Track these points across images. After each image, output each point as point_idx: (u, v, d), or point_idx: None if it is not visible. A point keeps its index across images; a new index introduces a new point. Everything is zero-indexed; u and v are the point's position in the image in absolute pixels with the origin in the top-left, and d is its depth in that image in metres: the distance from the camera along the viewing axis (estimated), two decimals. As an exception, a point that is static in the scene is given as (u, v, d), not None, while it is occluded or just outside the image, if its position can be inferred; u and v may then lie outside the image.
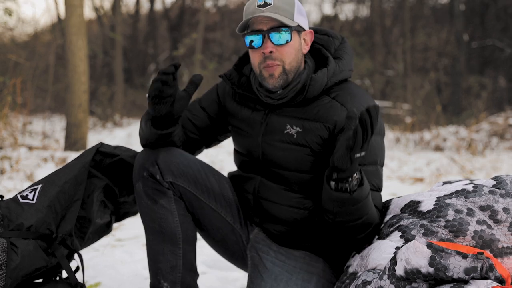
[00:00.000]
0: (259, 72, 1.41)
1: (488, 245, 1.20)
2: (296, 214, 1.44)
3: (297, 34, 1.40)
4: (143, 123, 1.45)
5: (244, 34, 1.40)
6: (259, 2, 1.36)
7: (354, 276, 1.30)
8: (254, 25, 1.38)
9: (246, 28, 1.40)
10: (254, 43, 1.37)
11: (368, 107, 1.18)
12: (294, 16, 1.37)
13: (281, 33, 1.35)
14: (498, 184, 1.32)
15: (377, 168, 1.39)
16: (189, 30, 16.60)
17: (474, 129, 7.49)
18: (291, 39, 1.37)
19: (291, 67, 1.39)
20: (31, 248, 1.42)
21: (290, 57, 1.38)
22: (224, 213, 1.49)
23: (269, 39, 1.36)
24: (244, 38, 1.40)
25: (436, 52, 13.04)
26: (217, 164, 5.17)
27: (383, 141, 1.43)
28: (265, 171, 1.47)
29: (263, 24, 1.37)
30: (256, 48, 1.39)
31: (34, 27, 8.89)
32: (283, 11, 1.36)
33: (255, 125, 1.48)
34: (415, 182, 4.45)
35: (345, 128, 1.21)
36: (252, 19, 1.37)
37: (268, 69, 1.38)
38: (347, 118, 1.21)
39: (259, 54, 1.38)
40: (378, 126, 1.40)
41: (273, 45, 1.36)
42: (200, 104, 1.58)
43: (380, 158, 1.40)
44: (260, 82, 1.43)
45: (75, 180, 1.52)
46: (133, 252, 2.37)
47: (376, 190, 1.39)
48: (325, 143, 1.39)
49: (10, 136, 5.01)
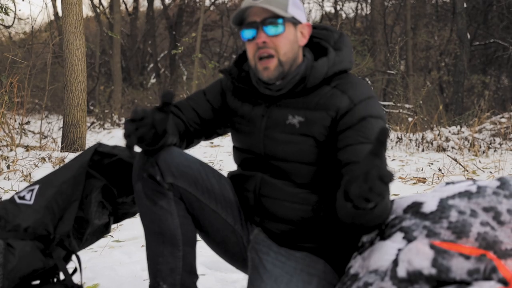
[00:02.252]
0: (254, 64, 1.42)
1: (491, 246, 1.18)
2: (299, 211, 1.42)
3: (292, 26, 1.41)
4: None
5: (240, 28, 1.43)
6: None
7: (355, 277, 1.29)
8: (249, 18, 1.41)
9: (241, 22, 1.42)
10: (248, 34, 1.40)
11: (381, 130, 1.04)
12: (288, 7, 1.39)
13: (274, 24, 1.37)
14: (502, 185, 1.31)
15: None
16: (188, 28, 16.60)
17: (477, 129, 7.48)
18: (284, 30, 1.39)
19: (287, 58, 1.40)
20: (28, 249, 1.41)
21: (284, 48, 1.39)
22: (225, 214, 1.48)
23: (262, 30, 1.38)
24: (240, 32, 1.42)
25: (438, 51, 13.05)
26: (217, 164, 5.16)
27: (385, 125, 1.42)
28: (267, 166, 1.46)
29: (256, 16, 1.39)
30: (251, 40, 1.41)
31: (31, 25, 8.87)
32: (276, 2, 1.38)
33: (256, 119, 1.47)
34: (417, 182, 4.44)
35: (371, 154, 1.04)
36: (247, 12, 1.40)
37: (262, 62, 1.39)
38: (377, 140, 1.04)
39: (254, 45, 1.40)
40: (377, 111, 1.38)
41: (266, 35, 1.38)
42: (205, 95, 1.58)
43: None
44: (256, 75, 1.44)
45: (73, 181, 1.51)
46: (131, 253, 2.35)
47: None
48: (329, 131, 1.39)
49: (7, 136, 5.00)
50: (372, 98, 1.41)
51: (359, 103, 1.37)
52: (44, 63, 7.79)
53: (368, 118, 1.36)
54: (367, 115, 1.36)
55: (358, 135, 1.35)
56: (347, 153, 1.34)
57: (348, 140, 1.35)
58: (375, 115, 1.38)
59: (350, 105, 1.38)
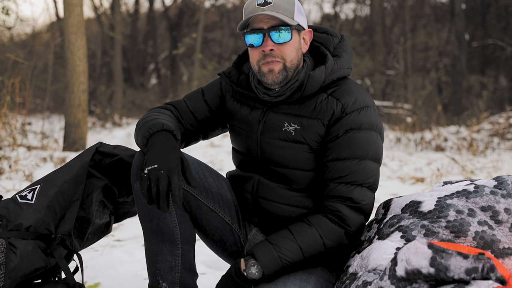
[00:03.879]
0: (257, 69, 1.41)
1: (489, 245, 1.19)
2: (294, 213, 1.43)
3: (297, 33, 1.40)
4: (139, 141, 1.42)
5: (244, 32, 1.41)
6: (259, 1, 1.37)
7: (354, 276, 1.29)
8: (254, 24, 1.38)
9: (246, 27, 1.40)
10: (254, 41, 1.38)
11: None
12: (294, 15, 1.38)
13: (281, 31, 1.36)
14: (500, 185, 1.32)
15: (365, 163, 1.36)
16: (188, 29, 16.60)
17: (475, 129, 7.49)
18: (291, 38, 1.37)
19: (292, 65, 1.40)
20: (30, 248, 1.41)
21: (291, 55, 1.39)
22: (222, 213, 1.49)
23: (269, 38, 1.37)
24: (244, 36, 1.40)
25: (437, 51, 13.05)
26: (217, 164, 5.17)
27: (378, 136, 1.41)
28: (264, 169, 1.47)
29: (263, 23, 1.37)
30: (256, 47, 1.39)
31: (33, 26, 8.88)
32: (283, 10, 1.36)
33: (254, 123, 1.48)
34: (416, 182, 4.45)
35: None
36: (252, 17, 1.37)
37: (268, 65, 1.38)
38: None
39: (259, 52, 1.39)
40: (368, 121, 1.38)
41: (274, 43, 1.37)
42: (203, 96, 1.57)
43: (372, 153, 1.37)
44: (259, 78, 1.43)
45: (74, 180, 1.51)
46: (132, 253, 2.36)
47: (358, 186, 1.36)
48: (323, 139, 1.39)
49: (9, 136, 5.00)
50: (367, 107, 1.39)
51: (351, 113, 1.37)
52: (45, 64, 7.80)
53: (355, 130, 1.36)
54: (355, 126, 1.36)
55: (340, 149, 1.36)
56: (327, 168, 1.37)
57: (330, 154, 1.37)
58: (366, 126, 1.37)
59: (341, 114, 1.37)
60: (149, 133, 1.37)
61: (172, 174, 1.26)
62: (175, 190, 1.25)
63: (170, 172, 1.26)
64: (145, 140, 1.37)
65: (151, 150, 1.32)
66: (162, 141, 1.34)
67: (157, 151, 1.31)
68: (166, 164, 1.27)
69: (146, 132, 1.38)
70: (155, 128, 1.37)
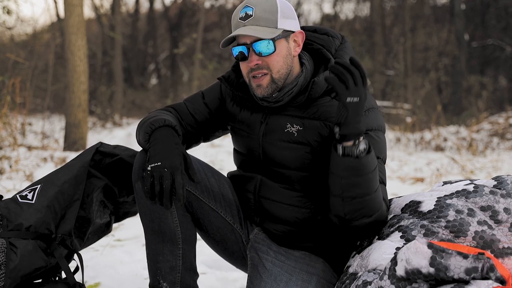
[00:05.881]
0: (248, 81, 1.42)
1: (489, 245, 1.20)
2: (297, 213, 1.43)
3: (283, 40, 1.39)
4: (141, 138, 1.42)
5: (232, 45, 1.41)
6: (241, 14, 1.37)
7: (354, 276, 1.29)
8: (239, 38, 1.40)
9: (232, 41, 1.42)
10: (240, 56, 1.39)
11: (351, 58, 1.23)
12: (277, 23, 1.37)
13: (263, 45, 1.36)
14: (499, 185, 1.32)
15: (380, 162, 1.38)
16: (188, 29, 16.60)
17: (475, 129, 7.50)
18: (275, 49, 1.37)
19: (280, 75, 1.39)
20: (30, 248, 1.42)
21: (277, 66, 1.38)
22: (224, 213, 1.49)
23: (253, 52, 1.37)
24: (232, 50, 1.41)
25: (437, 51, 13.07)
26: (217, 164, 5.17)
27: (384, 136, 1.42)
28: (266, 170, 1.47)
29: (246, 38, 1.37)
30: (243, 60, 1.40)
31: (33, 27, 8.89)
32: (265, 21, 1.35)
33: (255, 125, 1.48)
34: (416, 182, 4.45)
35: (330, 75, 1.24)
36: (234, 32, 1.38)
37: (255, 80, 1.39)
38: (330, 66, 1.24)
39: (246, 65, 1.40)
40: (378, 123, 1.40)
41: (258, 57, 1.37)
42: (203, 99, 1.58)
43: (382, 154, 1.40)
44: (250, 91, 1.44)
45: (75, 180, 1.52)
46: (132, 252, 2.36)
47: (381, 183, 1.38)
48: (325, 141, 1.39)
49: (9, 136, 5.01)
50: (372, 109, 1.40)
51: None
52: (46, 64, 7.81)
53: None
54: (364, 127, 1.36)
55: None
56: None
57: None
58: (372, 128, 1.38)
59: None
60: (151, 129, 1.38)
61: (175, 172, 1.27)
62: (178, 189, 1.26)
63: (173, 170, 1.27)
64: (147, 136, 1.38)
65: (153, 146, 1.33)
66: (165, 137, 1.35)
67: (160, 147, 1.32)
68: (169, 161, 1.28)
69: (148, 128, 1.39)
70: (157, 124, 1.38)
